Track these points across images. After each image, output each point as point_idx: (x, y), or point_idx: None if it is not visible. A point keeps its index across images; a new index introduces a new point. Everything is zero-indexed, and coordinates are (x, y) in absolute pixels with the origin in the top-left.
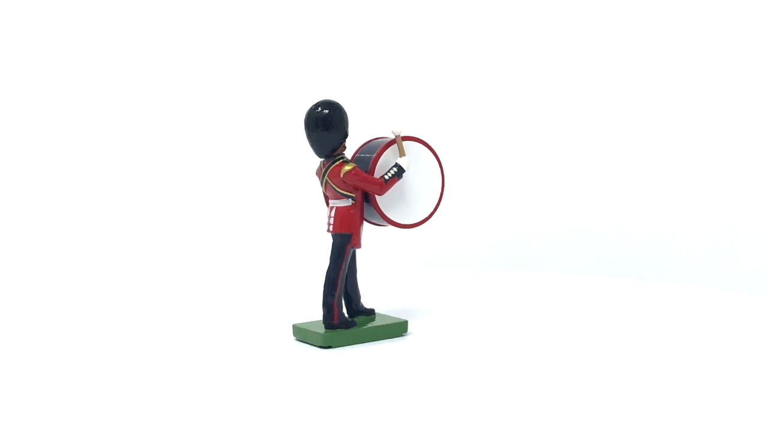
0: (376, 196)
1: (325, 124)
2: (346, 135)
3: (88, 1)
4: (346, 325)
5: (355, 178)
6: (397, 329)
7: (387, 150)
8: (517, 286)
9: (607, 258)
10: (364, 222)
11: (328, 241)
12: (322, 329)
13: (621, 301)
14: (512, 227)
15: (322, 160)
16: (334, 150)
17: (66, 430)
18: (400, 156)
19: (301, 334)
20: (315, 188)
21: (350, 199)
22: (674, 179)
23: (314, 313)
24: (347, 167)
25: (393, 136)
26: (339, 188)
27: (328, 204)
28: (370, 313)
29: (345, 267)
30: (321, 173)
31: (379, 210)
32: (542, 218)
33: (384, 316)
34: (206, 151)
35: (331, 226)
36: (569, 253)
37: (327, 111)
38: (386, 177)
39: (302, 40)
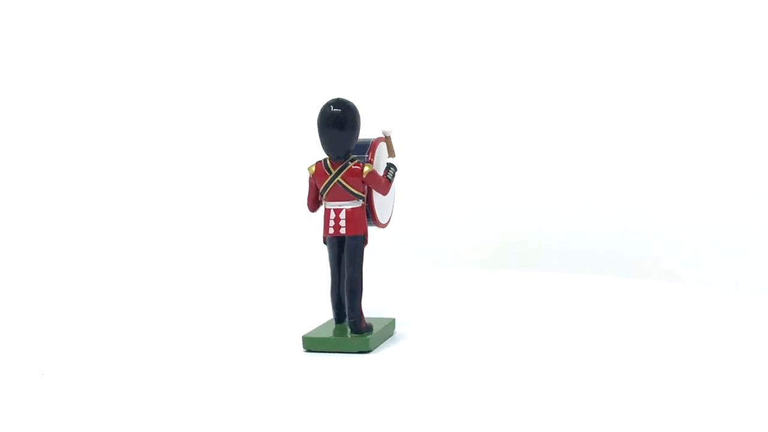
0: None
1: (347, 124)
2: (358, 135)
3: (89, 1)
4: (369, 329)
5: (376, 179)
6: (391, 328)
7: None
8: (516, 286)
9: (607, 258)
10: None
11: (303, 245)
12: (347, 335)
13: (621, 301)
14: (511, 227)
15: (323, 160)
16: (349, 150)
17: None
18: (391, 156)
19: (323, 344)
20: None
21: (361, 200)
22: (675, 179)
23: (300, 320)
24: (368, 168)
25: (383, 136)
26: (355, 189)
27: (316, 206)
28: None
29: None
30: (327, 174)
31: (373, 210)
32: (542, 218)
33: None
34: (204, 154)
35: (343, 229)
36: (569, 253)
37: (347, 110)
38: (389, 177)
39: (296, 40)
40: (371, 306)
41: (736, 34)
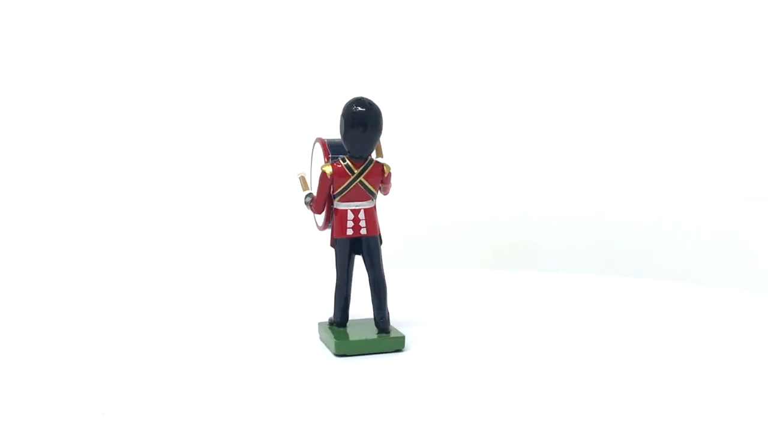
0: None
1: (375, 123)
2: None
3: (88, 1)
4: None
5: (390, 179)
6: None
7: None
8: (516, 287)
9: (606, 258)
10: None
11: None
12: (374, 335)
13: (621, 300)
14: (512, 227)
15: (340, 160)
16: (372, 149)
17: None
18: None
19: (358, 346)
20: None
21: (374, 199)
22: (675, 179)
23: (297, 324)
24: (387, 168)
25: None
26: (374, 188)
27: (323, 207)
28: None
29: None
30: (348, 174)
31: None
32: (542, 218)
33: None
34: (206, 153)
35: (364, 229)
36: (569, 253)
37: (374, 110)
38: None
39: (296, 40)
40: (370, 306)
41: (736, 34)
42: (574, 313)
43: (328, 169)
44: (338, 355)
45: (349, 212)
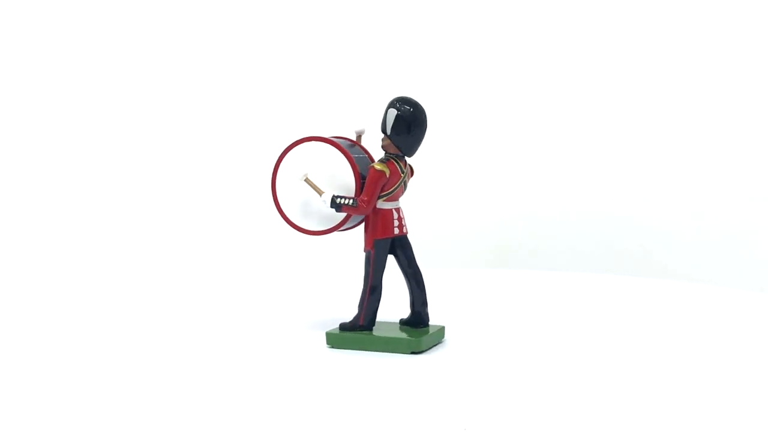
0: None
1: (426, 123)
2: None
3: (88, 1)
4: None
5: None
6: None
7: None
8: (517, 286)
9: (607, 257)
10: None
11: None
12: (425, 329)
13: (622, 299)
14: (512, 227)
15: (391, 160)
16: None
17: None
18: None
19: (428, 342)
20: None
21: None
22: (675, 178)
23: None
24: (412, 167)
25: (356, 137)
26: (406, 188)
27: (365, 209)
28: None
29: None
30: (401, 173)
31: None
32: (542, 218)
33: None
34: (211, 153)
35: (405, 227)
36: (569, 252)
37: (423, 109)
38: None
39: (297, 39)
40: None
41: (735, 34)
42: (575, 313)
43: (386, 169)
44: (416, 352)
45: (393, 211)
